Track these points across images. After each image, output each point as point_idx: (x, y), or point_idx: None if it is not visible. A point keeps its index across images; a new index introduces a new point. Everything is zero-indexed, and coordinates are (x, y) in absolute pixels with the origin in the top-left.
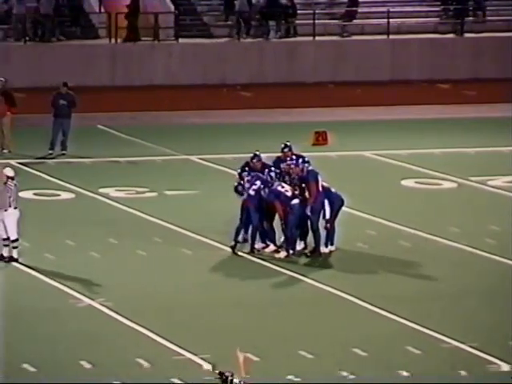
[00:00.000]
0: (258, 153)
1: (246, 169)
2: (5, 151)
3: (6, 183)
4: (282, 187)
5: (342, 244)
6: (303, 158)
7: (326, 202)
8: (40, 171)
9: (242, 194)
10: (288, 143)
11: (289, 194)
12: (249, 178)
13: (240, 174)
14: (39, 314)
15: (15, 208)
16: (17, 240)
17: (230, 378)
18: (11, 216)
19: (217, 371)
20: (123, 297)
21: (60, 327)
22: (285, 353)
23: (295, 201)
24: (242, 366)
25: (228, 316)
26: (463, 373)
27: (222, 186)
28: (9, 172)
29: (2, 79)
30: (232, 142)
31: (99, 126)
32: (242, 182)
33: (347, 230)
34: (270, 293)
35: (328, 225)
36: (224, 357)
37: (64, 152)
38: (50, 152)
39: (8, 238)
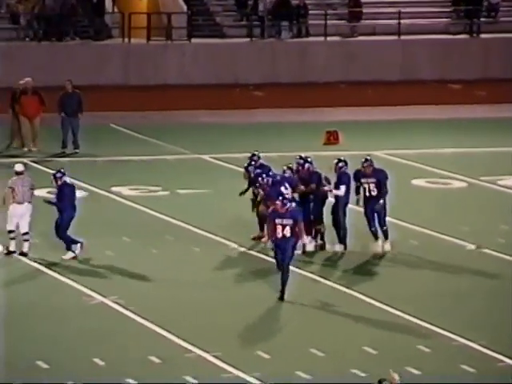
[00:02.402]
0: (256, 153)
1: (252, 163)
2: (34, 149)
3: (20, 176)
4: (286, 188)
5: (352, 243)
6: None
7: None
8: (53, 169)
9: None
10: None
11: (289, 196)
12: (256, 172)
13: (246, 168)
14: (52, 311)
15: (29, 202)
16: (27, 233)
17: None
18: (27, 209)
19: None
20: (135, 294)
21: (73, 324)
22: (296, 350)
23: (292, 204)
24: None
25: (239, 313)
26: (471, 370)
27: (233, 184)
28: (20, 168)
29: (29, 79)
30: (244, 142)
31: (112, 125)
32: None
33: (358, 230)
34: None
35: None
36: (235, 355)
37: (77, 150)
38: (63, 150)
39: (13, 231)
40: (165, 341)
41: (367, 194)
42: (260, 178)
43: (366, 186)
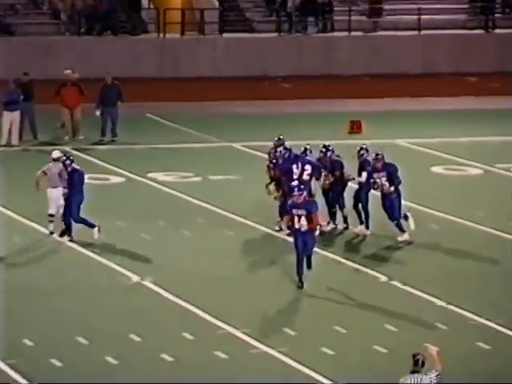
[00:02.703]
0: (281, 137)
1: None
2: (81, 137)
3: (56, 162)
4: (297, 168)
5: (375, 227)
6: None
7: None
8: (92, 156)
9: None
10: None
11: (295, 177)
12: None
13: (270, 154)
14: (91, 291)
15: (64, 187)
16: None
17: (421, 360)
18: (61, 193)
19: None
20: (170, 274)
21: (110, 303)
22: (320, 327)
23: (295, 183)
24: (437, 360)
25: (268, 293)
26: (487, 347)
27: (262, 171)
28: (57, 154)
29: (69, 71)
30: (272, 131)
31: (148, 115)
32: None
33: (380, 214)
34: (306, 272)
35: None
36: (263, 331)
37: (115, 139)
38: (102, 139)
39: (53, 215)
40: (197, 319)
41: (380, 188)
42: (278, 152)
43: (378, 180)
